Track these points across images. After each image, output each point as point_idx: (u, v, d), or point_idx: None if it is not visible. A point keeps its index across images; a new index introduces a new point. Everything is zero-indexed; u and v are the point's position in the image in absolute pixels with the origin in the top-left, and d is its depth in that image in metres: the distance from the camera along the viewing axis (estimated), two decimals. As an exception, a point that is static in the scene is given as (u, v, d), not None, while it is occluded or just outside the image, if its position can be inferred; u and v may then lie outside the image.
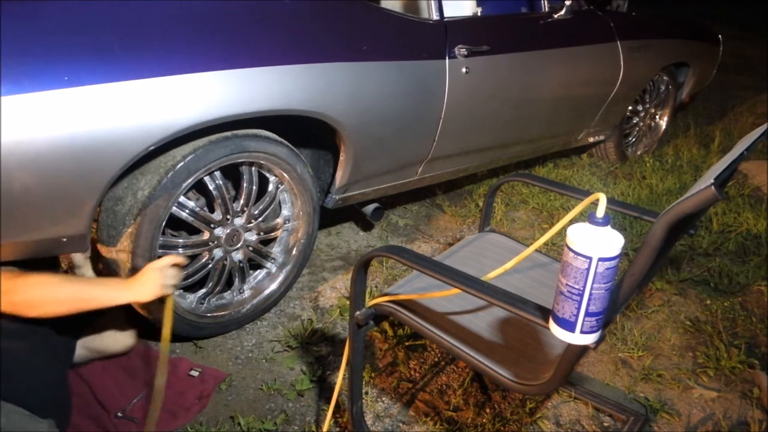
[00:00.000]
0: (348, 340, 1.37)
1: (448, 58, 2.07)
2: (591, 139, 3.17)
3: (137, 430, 1.55)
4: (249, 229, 1.84)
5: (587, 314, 0.92)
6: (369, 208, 2.32)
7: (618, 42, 2.85)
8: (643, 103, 3.46)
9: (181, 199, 1.61)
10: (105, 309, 1.44)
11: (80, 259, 1.65)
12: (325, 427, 1.50)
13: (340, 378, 1.45)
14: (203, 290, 1.79)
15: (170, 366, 1.74)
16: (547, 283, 1.50)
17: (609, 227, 0.90)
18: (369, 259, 1.24)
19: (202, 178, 1.63)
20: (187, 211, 1.65)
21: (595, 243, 0.88)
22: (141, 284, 1.45)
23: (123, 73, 1.33)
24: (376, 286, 2.21)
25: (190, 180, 1.57)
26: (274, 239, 1.97)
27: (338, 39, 1.78)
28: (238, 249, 1.83)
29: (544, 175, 3.26)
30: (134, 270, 1.54)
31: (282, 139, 1.78)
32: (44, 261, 1.50)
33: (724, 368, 1.86)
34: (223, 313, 1.84)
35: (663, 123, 3.65)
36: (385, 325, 1.92)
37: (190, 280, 1.73)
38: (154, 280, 1.46)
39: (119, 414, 1.59)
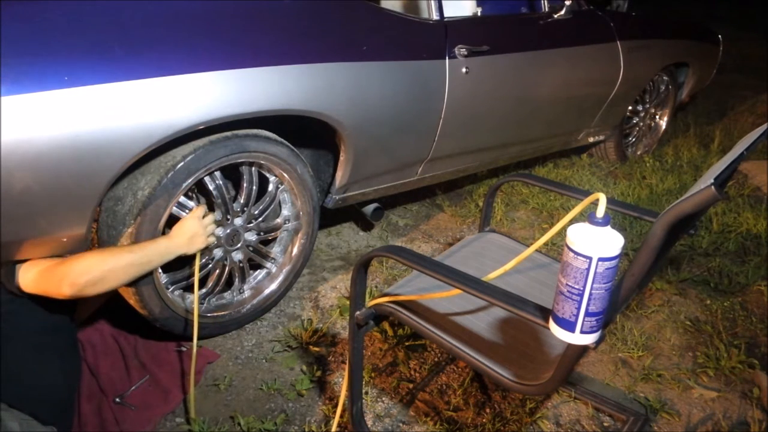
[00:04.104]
0: (348, 340, 1.37)
1: (448, 58, 2.07)
2: (591, 139, 3.17)
3: (133, 416, 1.57)
4: (249, 229, 1.84)
5: (587, 314, 0.92)
6: (369, 208, 2.32)
7: (618, 42, 2.85)
8: (643, 103, 3.46)
9: (181, 199, 1.61)
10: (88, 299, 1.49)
11: None
12: (334, 428, 1.49)
13: (346, 377, 1.45)
14: (203, 290, 1.79)
15: (159, 344, 1.82)
16: (547, 283, 1.50)
17: (609, 227, 0.90)
18: (369, 259, 1.24)
19: (202, 178, 1.63)
20: (187, 211, 1.65)
21: (595, 243, 0.88)
22: (189, 236, 1.55)
23: (123, 73, 1.33)
24: (376, 286, 2.21)
25: (190, 180, 1.57)
26: (274, 239, 1.97)
27: (338, 39, 1.78)
28: (238, 249, 1.83)
29: (544, 175, 3.26)
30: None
31: (282, 139, 1.78)
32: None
33: (724, 368, 1.86)
34: (223, 313, 1.84)
35: (663, 123, 3.65)
36: (385, 325, 1.92)
37: (189, 280, 1.73)
38: (196, 229, 1.56)
39: (117, 399, 1.61)
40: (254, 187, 1.80)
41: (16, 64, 1.21)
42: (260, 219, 1.86)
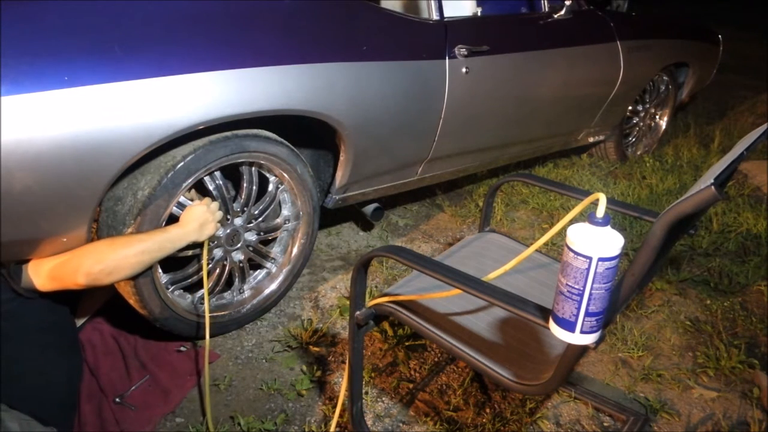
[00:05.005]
0: (348, 340, 1.37)
1: (448, 58, 2.07)
2: (591, 139, 3.17)
3: (134, 416, 1.57)
4: (249, 229, 1.84)
5: (587, 314, 0.92)
6: (369, 208, 2.32)
7: (618, 42, 2.85)
8: (643, 103, 3.46)
9: (181, 199, 1.61)
10: (93, 294, 1.49)
11: None
12: (333, 427, 1.49)
13: (345, 377, 1.45)
14: (203, 290, 1.79)
15: (159, 344, 1.82)
16: (547, 283, 1.50)
17: (609, 227, 0.90)
18: (369, 259, 1.24)
19: (202, 178, 1.63)
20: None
21: (595, 243, 0.88)
22: (199, 223, 1.55)
23: (123, 73, 1.33)
24: (376, 286, 2.21)
25: (190, 180, 1.57)
26: (274, 239, 1.97)
27: (338, 39, 1.78)
28: (238, 249, 1.83)
29: (544, 175, 3.26)
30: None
31: (282, 139, 1.78)
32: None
33: (724, 368, 1.86)
34: (223, 313, 1.84)
35: (663, 123, 3.65)
36: (385, 325, 1.92)
37: (189, 280, 1.73)
38: (206, 216, 1.57)
39: (117, 399, 1.61)
40: (254, 187, 1.80)
41: (16, 64, 1.21)
42: (260, 219, 1.86)
